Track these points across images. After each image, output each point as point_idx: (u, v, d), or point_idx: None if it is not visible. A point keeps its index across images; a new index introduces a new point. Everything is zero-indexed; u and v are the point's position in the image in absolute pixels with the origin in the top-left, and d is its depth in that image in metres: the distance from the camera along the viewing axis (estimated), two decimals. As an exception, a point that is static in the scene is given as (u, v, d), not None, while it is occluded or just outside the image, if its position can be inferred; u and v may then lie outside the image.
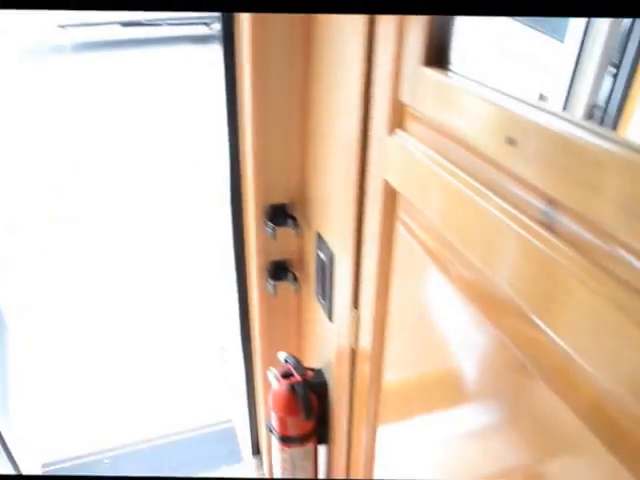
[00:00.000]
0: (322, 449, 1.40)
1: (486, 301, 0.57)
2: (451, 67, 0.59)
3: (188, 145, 4.73)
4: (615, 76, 0.51)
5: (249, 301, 1.45)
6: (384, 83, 0.71)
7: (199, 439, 2.36)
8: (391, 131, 0.72)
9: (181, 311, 3.06)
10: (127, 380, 2.61)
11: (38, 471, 2.14)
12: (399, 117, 0.70)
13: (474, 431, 0.65)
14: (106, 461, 2.28)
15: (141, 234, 3.77)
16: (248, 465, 2.05)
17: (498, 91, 0.51)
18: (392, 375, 0.91)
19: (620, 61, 0.50)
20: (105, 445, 2.30)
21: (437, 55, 0.59)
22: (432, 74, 0.58)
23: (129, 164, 4.63)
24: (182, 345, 2.83)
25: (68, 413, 2.43)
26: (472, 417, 0.65)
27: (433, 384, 0.77)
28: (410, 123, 0.68)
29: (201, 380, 2.61)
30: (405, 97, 0.66)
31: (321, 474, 1.44)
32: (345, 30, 0.84)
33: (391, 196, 0.76)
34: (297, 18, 1.02)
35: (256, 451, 2.00)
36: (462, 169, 0.57)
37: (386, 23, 0.68)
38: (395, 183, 0.74)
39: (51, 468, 2.19)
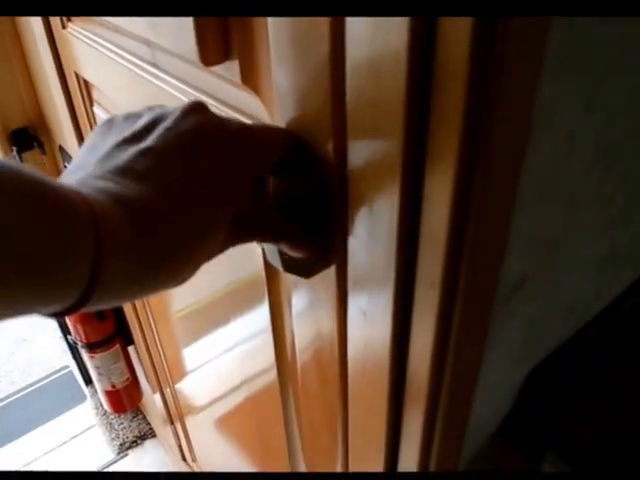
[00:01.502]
0: (132, 349, 1.51)
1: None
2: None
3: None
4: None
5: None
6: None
7: (40, 391, 2.36)
8: (64, 26, 0.79)
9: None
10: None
11: None
12: (63, 11, 0.78)
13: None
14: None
15: None
16: (89, 401, 2.12)
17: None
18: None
19: None
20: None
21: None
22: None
23: None
24: None
25: None
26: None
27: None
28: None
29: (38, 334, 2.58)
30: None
31: (139, 372, 1.56)
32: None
33: (85, 86, 0.85)
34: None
35: (89, 380, 2.06)
36: (103, 39, 0.67)
37: None
38: (81, 72, 0.82)
39: None
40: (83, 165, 0.30)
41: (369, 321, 0.39)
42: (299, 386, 0.56)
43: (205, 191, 0.31)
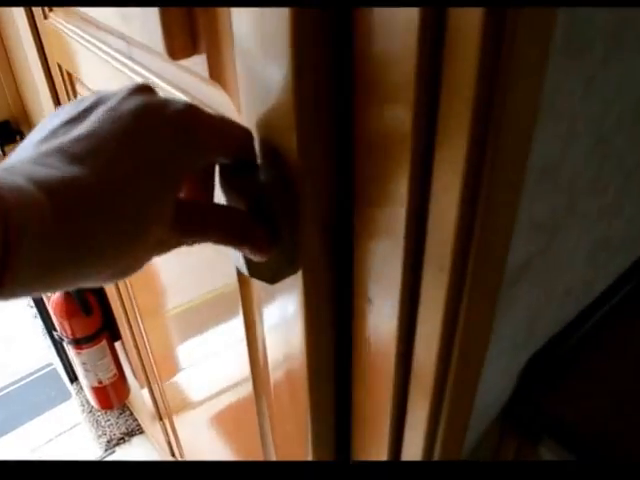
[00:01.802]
0: (119, 345, 1.49)
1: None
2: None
3: None
4: None
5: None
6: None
7: (23, 389, 2.33)
8: (45, 16, 0.78)
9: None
10: None
11: None
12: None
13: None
14: None
15: None
16: (75, 398, 2.09)
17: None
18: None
19: None
20: None
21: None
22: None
23: None
24: None
25: None
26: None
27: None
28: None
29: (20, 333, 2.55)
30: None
31: (126, 368, 1.54)
32: None
33: (69, 78, 0.83)
34: None
35: (74, 378, 2.04)
36: (85, 32, 0.65)
37: None
38: (64, 64, 0.80)
39: None
40: (21, 150, 0.30)
41: (375, 308, 0.38)
42: (271, 393, 0.55)
43: (141, 173, 0.30)
